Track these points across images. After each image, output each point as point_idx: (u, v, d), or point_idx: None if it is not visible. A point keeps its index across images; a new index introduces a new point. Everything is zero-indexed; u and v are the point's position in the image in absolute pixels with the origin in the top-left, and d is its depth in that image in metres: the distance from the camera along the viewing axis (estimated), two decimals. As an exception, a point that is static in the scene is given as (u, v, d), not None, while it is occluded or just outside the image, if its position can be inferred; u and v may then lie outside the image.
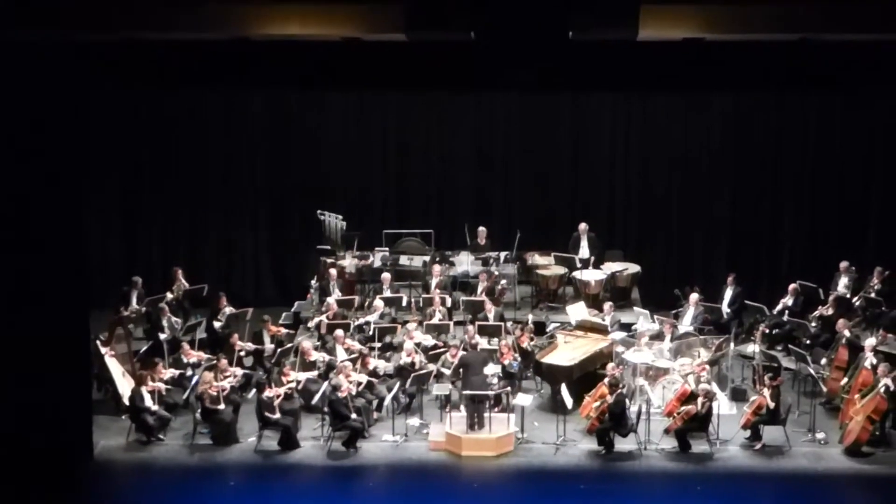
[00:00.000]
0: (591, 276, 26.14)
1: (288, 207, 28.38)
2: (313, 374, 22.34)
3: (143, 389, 21.31)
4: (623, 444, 20.89)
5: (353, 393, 21.13)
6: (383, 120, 28.42)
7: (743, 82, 18.71)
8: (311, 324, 24.79)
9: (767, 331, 24.04)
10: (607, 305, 24.63)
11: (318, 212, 27.15)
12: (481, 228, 27.17)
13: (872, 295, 24.67)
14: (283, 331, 24.28)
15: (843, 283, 25.31)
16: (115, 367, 22.59)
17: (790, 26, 16.17)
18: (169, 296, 25.35)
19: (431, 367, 22.42)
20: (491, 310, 24.42)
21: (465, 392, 21.27)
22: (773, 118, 27.54)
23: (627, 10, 15.83)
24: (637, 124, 28.02)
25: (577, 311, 24.49)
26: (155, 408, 21.30)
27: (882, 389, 20.46)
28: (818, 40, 16.82)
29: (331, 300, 24.78)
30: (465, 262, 26.54)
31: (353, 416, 20.90)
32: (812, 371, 22.01)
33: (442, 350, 23.03)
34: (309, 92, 26.85)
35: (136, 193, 28.09)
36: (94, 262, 25.62)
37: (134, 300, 25.29)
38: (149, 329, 24.57)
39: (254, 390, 21.79)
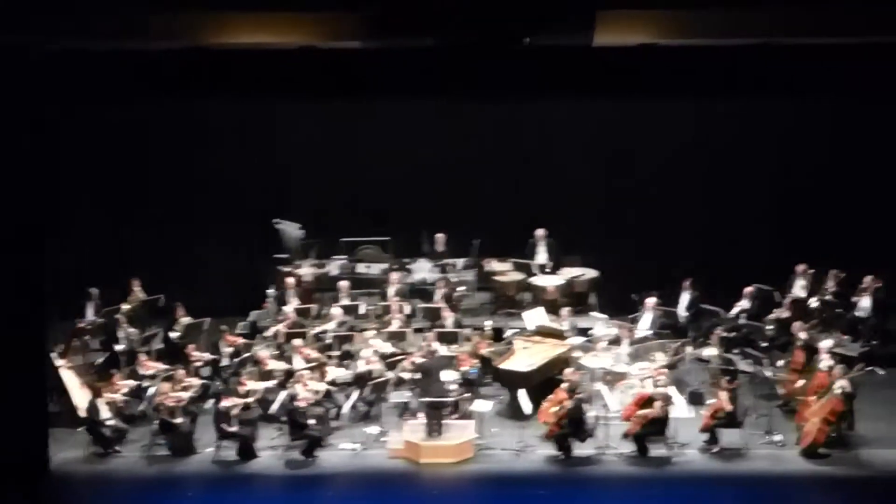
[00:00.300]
0: (549, 281, 26.17)
1: (245, 216, 28.25)
2: (271, 383, 22.26)
3: (100, 401, 21.21)
4: (582, 450, 20.93)
5: (312, 402, 21.10)
6: (340, 127, 28.33)
7: (698, 87, 18.79)
8: (268, 333, 24.71)
9: (724, 334, 24.11)
10: (565, 311, 24.69)
11: (275, 220, 27.08)
12: (439, 235, 27.19)
13: (828, 297, 24.81)
14: (241, 340, 24.23)
15: (799, 285, 25.44)
16: (72, 379, 22.49)
17: (743, 31, 16.28)
18: (125, 307, 25.20)
19: (390, 374, 22.41)
20: (449, 316, 24.42)
21: (423, 399, 21.26)
22: (728, 123, 27.62)
23: (583, 15, 15.87)
24: (593, 130, 28.05)
25: (535, 317, 24.52)
26: (112, 420, 21.20)
27: (838, 391, 20.58)
28: (774, 44, 16.92)
29: (288, 309, 24.74)
30: (422, 270, 26.55)
31: (312, 424, 20.87)
32: (769, 374, 22.13)
33: (400, 357, 23.02)
34: (265, 100, 26.74)
35: (90, 204, 27.89)
36: (50, 274, 25.50)
37: (90, 311, 25.15)
38: (105, 340, 24.47)
39: (211, 401, 21.71)
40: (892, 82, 18.09)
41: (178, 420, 21.02)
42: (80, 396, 22.23)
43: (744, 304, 25.01)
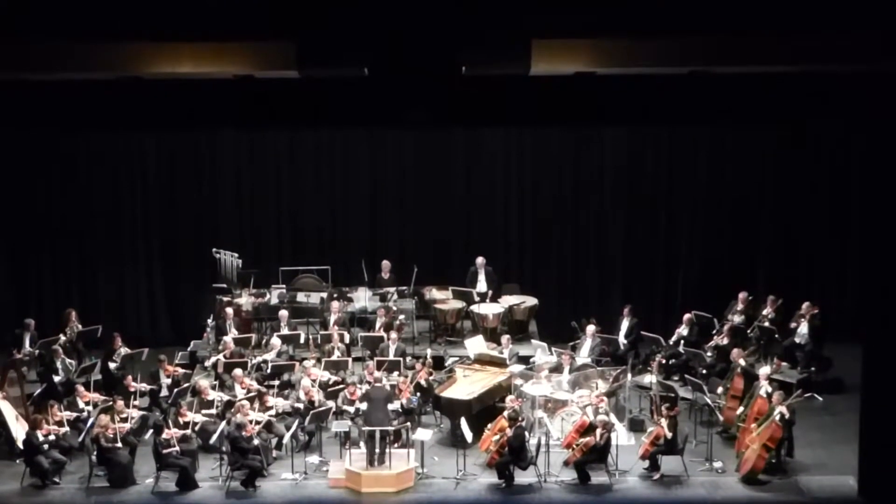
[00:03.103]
0: (489, 309, 26.19)
1: (182, 246, 28.16)
2: (211, 413, 22.13)
3: (38, 432, 21.01)
4: (523, 477, 20.91)
5: (252, 432, 20.99)
6: (276, 156, 28.34)
7: (634, 116, 18.91)
8: (207, 363, 24.60)
9: (664, 361, 24.22)
10: (505, 339, 24.70)
11: (214, 250, 27.00)
12: (384, 262, 27.20)
13: (766, 324, 24.95)
14: (180, 370, 24.10)
15: (737, 312, 25.55)
16: (9, 411, 22.26)
17: (679, 60, 16.37)
18: (62, 337, 24.99)
19: (330, 403, 22.34)
20: (395, 341, 24.37)
21: (365, 428, 21.20)
22: (664, 151, 27.86)
23: (519, 44, 15.91)
24: (530, 158, 28.22)
25: (476, 345, 24.53)
26: (50, 451, 21.01)
27: (777, 417, 20.68)
28: (707, 73, 17.04)
29: (227, 339, 24.61)
30: (362, 298, 26.50)
31: (253, 455, 20.78)
32: (708, 400, 22.21)
33: (340, 387, 22.96)
34: (201, 130, 26.67)
35: (24, 235, 27.72)
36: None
37: (27, 342, 24.94)
38: (43, 371, 24.25)
39: (150, 431, 21.56)
40: (827, 110, 18.28)
41: (117, 451, 20.86)
42: (17, 428, 22.02)
43: (682, 330, 25.12)
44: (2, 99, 17.46)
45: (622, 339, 25.41)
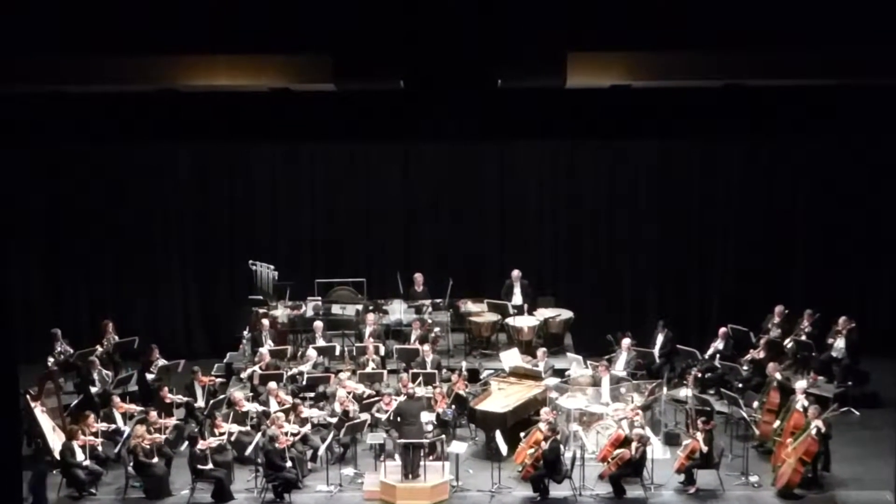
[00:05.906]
0: (524, 322, 26.17)
1: (217, 258, 28.26)
2: (246, 427, 22.18)
3: (75, 444, 21.11)
4: (558, 491, 20.91)
5: (287, 443, 21.04)
6: (311, 168, 28.40)
7: (669, 128, 18.86)
8: (243, 375, 24.65)
9: (699, 375, 24.16)
10: (540, 352, 24.66)
11: (250, 262, 27.07)
12: (417, 275, 27.20)
13: (803, 338, 24.84)
14: (217, 380, 24.21)
15: (773, 325, 25.46)
16: (46, 422, 22.35)
17: (714, 72, 16.33)
18: (99, 349, 25.09)
19: (365, 416, 22.35)
20: (429, 354, 24.38)
21: (399, 441, 21.21)
22: (699, 163, 27.79)
23: (555, 57, 15.89)
24: (564, 171, 28.20)
25: (511, 358, 24.50)
26: (86, 462, 21.11)
27: (813, 432, 20.60)
28: (742, 86, 16.99)
29: (263, 350, 24.67)
30: (397, 311, 26.51)
31: (287, 466, 20.81)
32: (744, 414, 22.13)
33: (375, 399, 22.97)
34: (236, 142, 26.70)
35: (60, 246, 27.85)
36: (20, 317, 25.45)
37: (57, 349, 24.97)
38: (79, 383, 24.36)
39: (186, 443, 21.63)
40: (863, 123, 18.20)
41: (153, 462, 20.94)
42: (54, 439, 22.11)
43: (718, 344, 25.04)
44: (39, 112, 17.55)
45: (657, 353, 25.35)
